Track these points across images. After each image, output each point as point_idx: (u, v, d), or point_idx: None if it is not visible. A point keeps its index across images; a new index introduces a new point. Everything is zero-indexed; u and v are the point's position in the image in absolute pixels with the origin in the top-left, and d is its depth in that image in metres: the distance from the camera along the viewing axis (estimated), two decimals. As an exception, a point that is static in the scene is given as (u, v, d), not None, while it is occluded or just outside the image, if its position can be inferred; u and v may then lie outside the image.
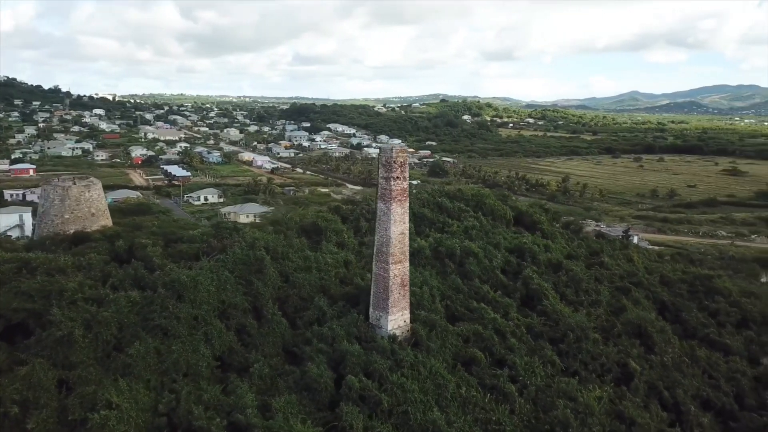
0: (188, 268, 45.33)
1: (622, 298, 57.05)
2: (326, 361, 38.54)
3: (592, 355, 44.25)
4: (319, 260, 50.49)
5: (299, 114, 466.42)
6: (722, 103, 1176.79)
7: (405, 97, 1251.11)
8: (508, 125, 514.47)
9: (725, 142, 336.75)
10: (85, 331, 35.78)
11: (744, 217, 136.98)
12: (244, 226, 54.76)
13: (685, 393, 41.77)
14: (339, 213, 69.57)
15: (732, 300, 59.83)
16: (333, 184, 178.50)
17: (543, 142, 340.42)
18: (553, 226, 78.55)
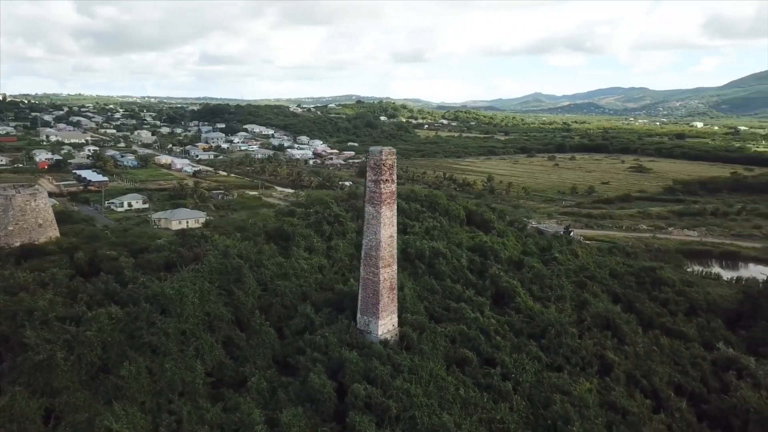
0: (160, 279, 42.78)
1: (582, 292, 59.55)
2: (324, 370, 37.58)
3: (571, 349, 45.75)
4: (295, 266, 49.16)
5: (213, 115, 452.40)
6: (617, 104, 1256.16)
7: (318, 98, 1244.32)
8: (424, 126, 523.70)
9: (627, 141, 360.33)
10: (67, 354, 32.89)
11: (659, 212, 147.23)
12: (212, 234, 52.27)
13: (661, 380, 44.08)
14: (294, 216, 68.11)
15: (677, 289, 63.85)
16: (262, 186, 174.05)
17: (461, 143, 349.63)
18: (504, 225, 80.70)
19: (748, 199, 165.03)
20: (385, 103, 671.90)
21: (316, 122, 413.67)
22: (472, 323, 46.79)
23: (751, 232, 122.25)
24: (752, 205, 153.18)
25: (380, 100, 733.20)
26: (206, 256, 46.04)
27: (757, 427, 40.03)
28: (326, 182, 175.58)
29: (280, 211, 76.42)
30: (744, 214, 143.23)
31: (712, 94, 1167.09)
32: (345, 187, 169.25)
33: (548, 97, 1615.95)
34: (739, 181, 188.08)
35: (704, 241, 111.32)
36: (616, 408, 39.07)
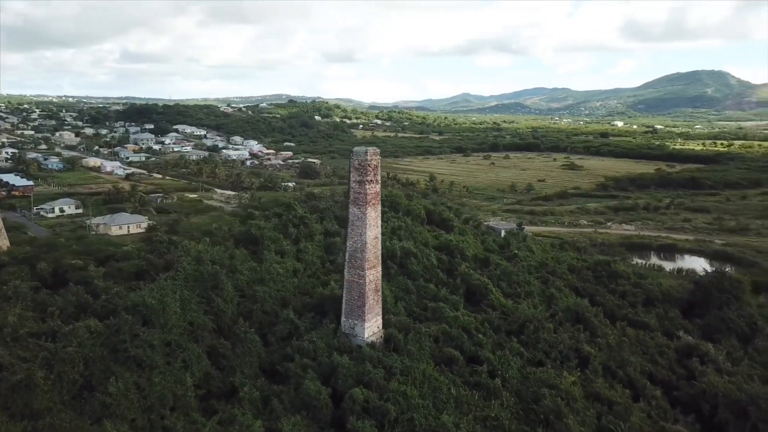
0: (133, 288, 40.62)
1: (547, 287, 61.13)
2: (316, 377, 36.75)
3: (549, 344, 46.81)
4: (270, 271, 47.91)
5: (140, 115, 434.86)
6: (542, 104, 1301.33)
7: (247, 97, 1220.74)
8: (359, 126, 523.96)
9: (556, 139, 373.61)
10: (47, 372, 30.57)
11: (595, 207, 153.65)
12: (180, 240, 49.99)
13: (635, 370, 45.79)
14: (252, 217, 66.42)
15: (633, 281, 66.70)
16: (201, 189, 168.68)
17: (398, 143, 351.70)
18: (461, 223, 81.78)
19: (674, 194, 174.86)
20: (318, 102, 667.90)
21: (249, 122, 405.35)
22: (453, 322, 47.07)
23: (682, 225, 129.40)
24: (679, 200, 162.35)
25: (313, 100, 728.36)
26: (179, 262, 43.98)
27: (726, 410, 42.23)
28: (269, 183, 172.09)
29: (234, 213, 74.35)
30: (672, 208, 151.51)
31: (629, 94, 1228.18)
32: (289, 188, 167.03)
33: (476, 98, 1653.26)
34: (664, 177, 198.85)
35: (642, 234, 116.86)
36: (601, 399, 40.25)
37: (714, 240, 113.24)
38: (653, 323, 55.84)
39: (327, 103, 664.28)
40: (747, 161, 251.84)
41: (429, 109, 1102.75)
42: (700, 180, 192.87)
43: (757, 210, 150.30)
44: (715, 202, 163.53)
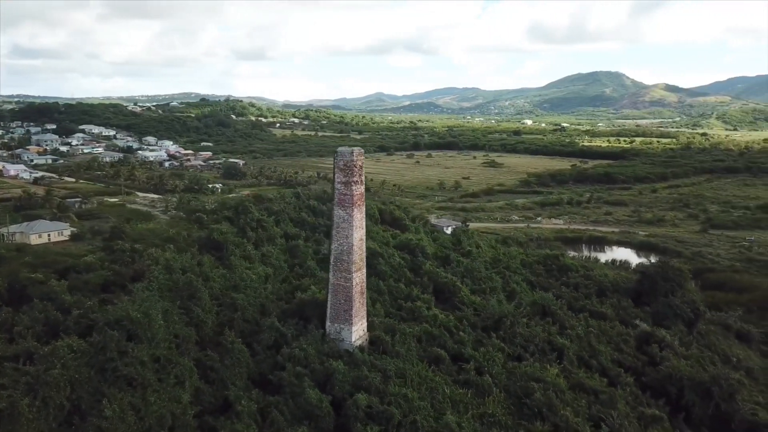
0: (105, 302, 37.79)
1: (508, 282, 62.57)
2: (313, 384, 35.65)
3: (525, 338, 47.85)
4: (244, 278, 46.03)
5: (40, 114, 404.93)
6: (453, 104, 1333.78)
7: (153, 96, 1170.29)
8: (276, 125, 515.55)
9: (473, 138, 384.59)
10: (32, 399, 27.75)
11: (523, 203, 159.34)
12: (143, 248, 46.78)
13: (606, 359, 47.70)
14: (202, 223, 63.60)
15: (583, 274, 69.63)
16: (122, 192, 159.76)
17: (320, 142, 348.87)
18: (410, 222, 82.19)
19: (592, 189, 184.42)
20: (232, 101, 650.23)
21: (162, 122, 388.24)
22: (432, 321, 47.14)
23: (605, 218, 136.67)
24: (597, 194, 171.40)
25: (227, 98, 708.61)
26: (150, 272, 41.31)
27: (692, 392, 44.84)
28: (194, 185, 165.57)
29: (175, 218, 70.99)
30: (593, 202, 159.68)
31: (535, 94, 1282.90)
32: (216, 190, 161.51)
33: (390, 97, 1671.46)
34: (581, 173, 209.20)
35: (572, 228, 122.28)
36: (586, 389, 41.59)
37: (637, 231, 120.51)
38: (610, 313, 58.45)
39: (241, 102, 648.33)
40: (651, 157, 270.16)
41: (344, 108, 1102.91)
42: (614, 175, 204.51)
43: (667, 202, 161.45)
44: (629, 195, 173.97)
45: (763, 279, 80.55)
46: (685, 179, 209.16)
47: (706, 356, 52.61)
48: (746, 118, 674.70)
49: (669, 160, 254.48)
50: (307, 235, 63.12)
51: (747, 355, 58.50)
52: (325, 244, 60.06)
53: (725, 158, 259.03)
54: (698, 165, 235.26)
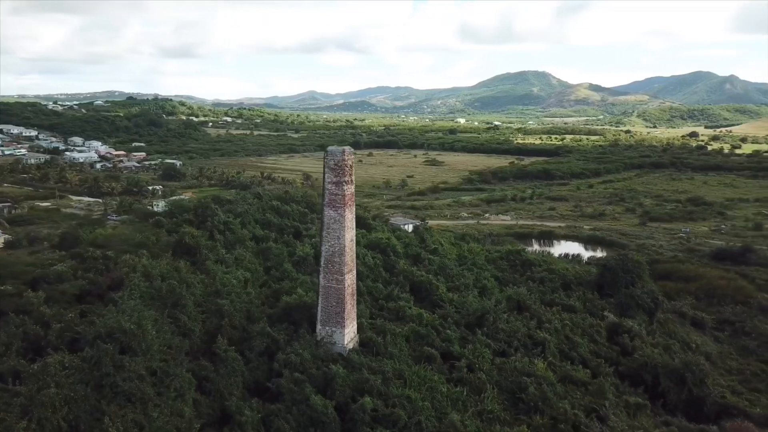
0: (82, 313, 35.55)
1: (479, 278, 63.30)
2: (314, 390, 34.80)
3: (507, 333, 48.53)
4: (224, 283, 44.39)
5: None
6: (387, 103, 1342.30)
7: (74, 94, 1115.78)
8: (208, 124, 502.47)
9: (411, 137, 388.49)
10: (27, 422, 25.67)
11: (470, 200, 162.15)
12: (115, 254, 44.13)
13: (585, 351, 49.06)
14: (163, 227, 61.01)
15: (546, 268, 71.43)
16: (56, 196, 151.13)
17: (258, 141, 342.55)
18: (373, 220, 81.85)
19: (532, 185, 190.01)
20: (162, 100, 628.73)
21: (88, 121, 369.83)
22: (417, 320, 47.05)
23: (550, 213, 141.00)
24: (538, 190, 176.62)
25: (155, 97, 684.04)
26: (129, 279, 39.16)
27: (666, 379, 46.76)
28: (133, 188, 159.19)
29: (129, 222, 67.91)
30: (535, 198, 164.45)
31: (467, 93, 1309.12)
32: (157, 192, 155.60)
33: (323, 96, 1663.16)
34: (520, 170, 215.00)
35: (521, 224, 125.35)
36: (574, 381, 42.58)
37: (582, 226, 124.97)
38: (578, 306, 60.18)
39: (171, 101, 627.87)
40: (583, 153, 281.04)
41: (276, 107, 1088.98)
42: (551, 171, 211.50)
43: (604, 197, 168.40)
44: (568, 191, 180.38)
45: (707, 268, 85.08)
46: (617, 174, 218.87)
47: (671, 344, 55.03)
48: (664, 116, 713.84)
49: (600, 156, 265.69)
50: (275, 237, 61.66)
51: (704, 341, 61.60)
52: (297, 246, 58.94)
53: (651, 154, 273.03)
54: (628, 161, 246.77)
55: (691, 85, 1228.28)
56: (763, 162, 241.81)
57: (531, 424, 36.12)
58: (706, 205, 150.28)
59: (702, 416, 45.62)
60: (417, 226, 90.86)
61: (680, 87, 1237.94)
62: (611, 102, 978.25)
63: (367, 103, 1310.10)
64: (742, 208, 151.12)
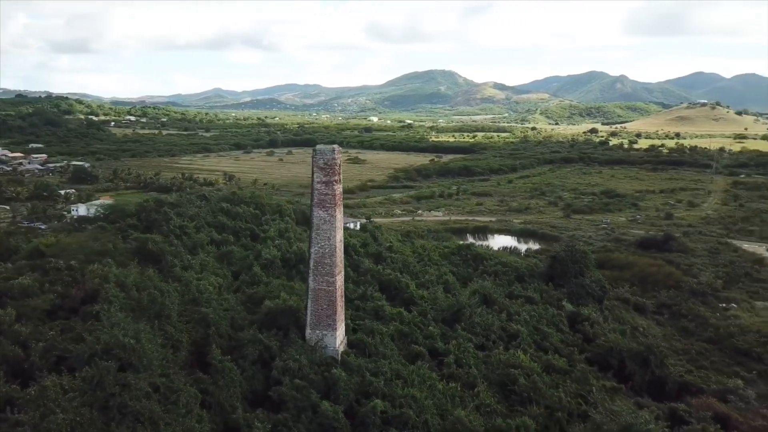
0: (65, 330, 32.67)
1: (441, 274, 64.03)
2: (319, 396, 33.85)
3: (483, 327, 49.40)
4: (201, 290, 42.24)
5: None
6: (296, 101, 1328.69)
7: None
8: (111, 123, 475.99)
9: (328, 135, 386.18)
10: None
11: (401, 198, 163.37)
12: (83, 266, 40.46)
13: (556, 340, 50.83)
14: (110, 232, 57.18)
15: (497, 261, 73.35)
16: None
17: (169, 141, 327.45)
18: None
19: (456, 182, 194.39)
20: (56, 98, 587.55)
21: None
22: (398, 319, 46.89)
23: (478, 209, 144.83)
24: (462, 186, 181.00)
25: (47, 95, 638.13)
26: (105, 291, 36.32)
27: (632, 362, 49.39)
28: (42, 192, 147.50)
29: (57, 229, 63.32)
30: (461, 194, 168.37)
31: (376, 91, 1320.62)
32: (70, 195, 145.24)
33: (229, 93, 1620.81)
34: (443, 167, 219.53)
35: (454, 219, 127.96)
36: (557, 370, 43.96)
37: (512, 219, 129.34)
38: (537, 297, 62.25)
39: (67, 99, 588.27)
40: (497, 150, 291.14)
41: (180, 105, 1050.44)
42: (471, 168, 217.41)
43: (525, 191, 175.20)
44: (490, 186, 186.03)
45: (636, 257, 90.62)
46: (532, 170, 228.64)
47: (624, 329, 58.11)
48: (564, 114, 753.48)
49: (514, 152, 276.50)
50: (233, 240, 59.32)
51: (648, 324, 65.54)
52: (262, 248, 56.94)
53: (560, 150, 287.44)
54: (540, 156, 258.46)
55: (586, 84, 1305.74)
56: (660, 156, 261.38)
57: (529, 415, 36.89)
58: (620, 197, 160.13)
59: (664, 395, 48.57)
60: (363, 224, 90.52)
61: (576, 86, 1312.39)
62: (515, 100, 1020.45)
63: (275, 101, 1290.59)
64: (651, 199, 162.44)
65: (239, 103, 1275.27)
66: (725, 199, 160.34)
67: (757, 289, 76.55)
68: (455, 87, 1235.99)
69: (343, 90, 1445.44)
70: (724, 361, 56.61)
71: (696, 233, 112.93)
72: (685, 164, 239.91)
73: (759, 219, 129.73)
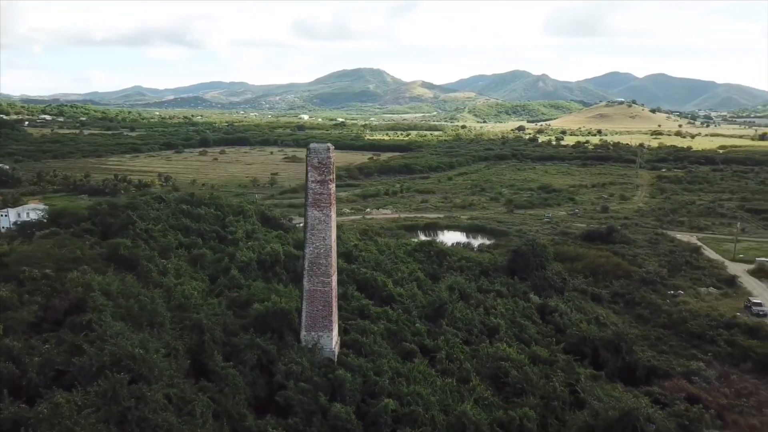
0: (46, 342, 30.68)
1: (410, 271, 64.41)
2: (327, 398, 33.39)
3: (464, 322, 50.16)
4: (186, 295, 40.68)
5: None
6: (222, 99, 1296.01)
7: None
8: (24, 123, 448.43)
9: (261, 133, 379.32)
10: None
11: (347, 196, 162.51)
12: (59, 275, 37.69)
13: (532, 332, 52.25)
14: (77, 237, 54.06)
15: (461, 257, 74.61)
16: None
17: (91, 141, 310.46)
18: (288, 222, 79.54)
19: (398, 180, 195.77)
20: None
21: None
22: (384, 317, 46.86)
23: (424, 206, 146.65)
24: (405, 184, 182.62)
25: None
26: (92, 301, 34.33)
27: (605, 350, 51.53)
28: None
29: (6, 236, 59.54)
30: (404, 191, 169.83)
31: (304, 89, 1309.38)
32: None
33: (151, 91, 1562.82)
34: (384, 165, 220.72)
35: (404, 216, 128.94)
36: (544, 361, 45.17)
37: (459, 216, 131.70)
38: (505, 291, 63.77)
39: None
40: (433, 148, 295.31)
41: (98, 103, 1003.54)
42: (411, 166, 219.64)
43: (466, 188, 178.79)
44: (431, 183, 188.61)
45: (584, 249, 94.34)
46: (469, 167, 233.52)
47: (590, 318, 60.52)
48: (492, 112, 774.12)
49: (450, 150, 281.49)
50: (201, 243, 57.33)
51: (606, 313, 68.52)
52: (226, 250, 55.27)
53: (493, 147, 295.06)
54: (475, 154, 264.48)
55: (510, 83, 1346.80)
56: (587, 152, 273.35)
57: (527, 405, 37.75)
58: (556, 192, 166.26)
59: (635, 379, 51.05)
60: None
61: (501, 85, 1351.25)
62: (443, 99, 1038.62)
63: (200, 99, 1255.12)
64: (585, 193, 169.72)
65: (162, 102, 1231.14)
66: (653, 192, 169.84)
67: (699, 276, 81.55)
68: (384, 86, 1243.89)
69: (271, 88, 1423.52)
70: (681, 345, 59.97)
71: (633, 225, 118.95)
72: (610, 159, 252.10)
73: (686, 210, 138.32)
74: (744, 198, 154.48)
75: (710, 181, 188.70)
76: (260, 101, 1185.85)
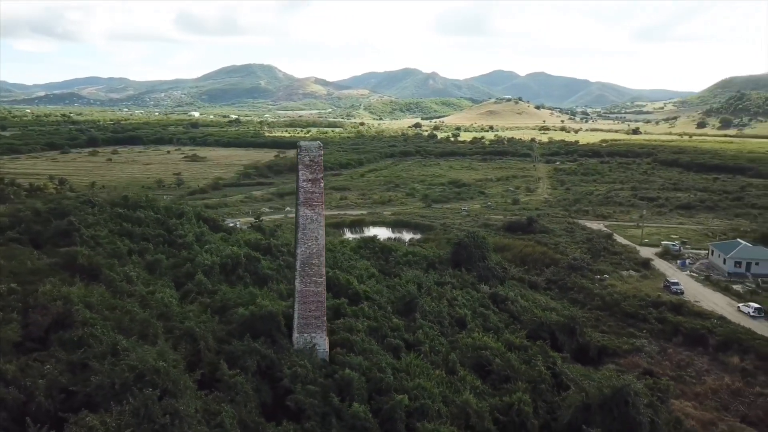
0: (44, 362, 28.10)
1: (367, 268, 64.56)
2: (338, 399, 33.02)
3: (434, 315, 51.15)
4: (166, 303, 38.53)
5: None
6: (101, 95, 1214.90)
7: None
8: None
9: (154, 132, 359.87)
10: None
11: (262, 195, 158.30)
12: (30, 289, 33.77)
13: (495, 320, 54.29)
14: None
15: (405, 251, 75.88)
16: None
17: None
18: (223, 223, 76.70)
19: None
20: None
21: None
22: (360, 314, 46.79)
23: (344, 203, 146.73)
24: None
25: None
26: (76, 314, 31.64)
27: (562, 333, 54.64)
28: None
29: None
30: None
31: (192, 85, 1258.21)
32: None
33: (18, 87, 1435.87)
34: (292, 162, 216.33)
35: (328, 214, 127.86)
36: (516, 347, 47.03)
37: (381, 212, 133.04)
38: (455, 282, 65.61)
39: None
40: (338, 144, 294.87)
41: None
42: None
43: (380, 184, 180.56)
44: (345, 180, 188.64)
45: (510, 239, 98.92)
46: (377, 164, 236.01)
47: (537, 304, 63.77)
48: (387, 109, 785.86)
49: (355, 147, 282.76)
50: (153, 249, 54.13)
51: (546, 299, 72.52)
52: (182, 255, 52.66)
53: (397, 144, 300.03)
54: (381, 150, 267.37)
55: (401, 81, 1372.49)
56: (486, 148, 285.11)
57: (517, 391, 39.28)
58: (466, 186, 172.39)
59: (588, 359, 54.67)
60: (256, 224, 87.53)
61: (393, 82, 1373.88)
62: (337, 96, 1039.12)
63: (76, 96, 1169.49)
64: (492, 186, 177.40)
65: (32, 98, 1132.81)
66: (554, 184, 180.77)
67: (618, 260, 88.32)
68: (276, 82, 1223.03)
69: (155, 84, 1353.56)
70: (618, 325, 64.91)
71: (545, 215, 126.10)
72: (507, 154, 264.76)
73: (587, 201, 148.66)
74: (633, 187, 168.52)
75: (601, 172, 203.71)
76: (144, 98, 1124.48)
